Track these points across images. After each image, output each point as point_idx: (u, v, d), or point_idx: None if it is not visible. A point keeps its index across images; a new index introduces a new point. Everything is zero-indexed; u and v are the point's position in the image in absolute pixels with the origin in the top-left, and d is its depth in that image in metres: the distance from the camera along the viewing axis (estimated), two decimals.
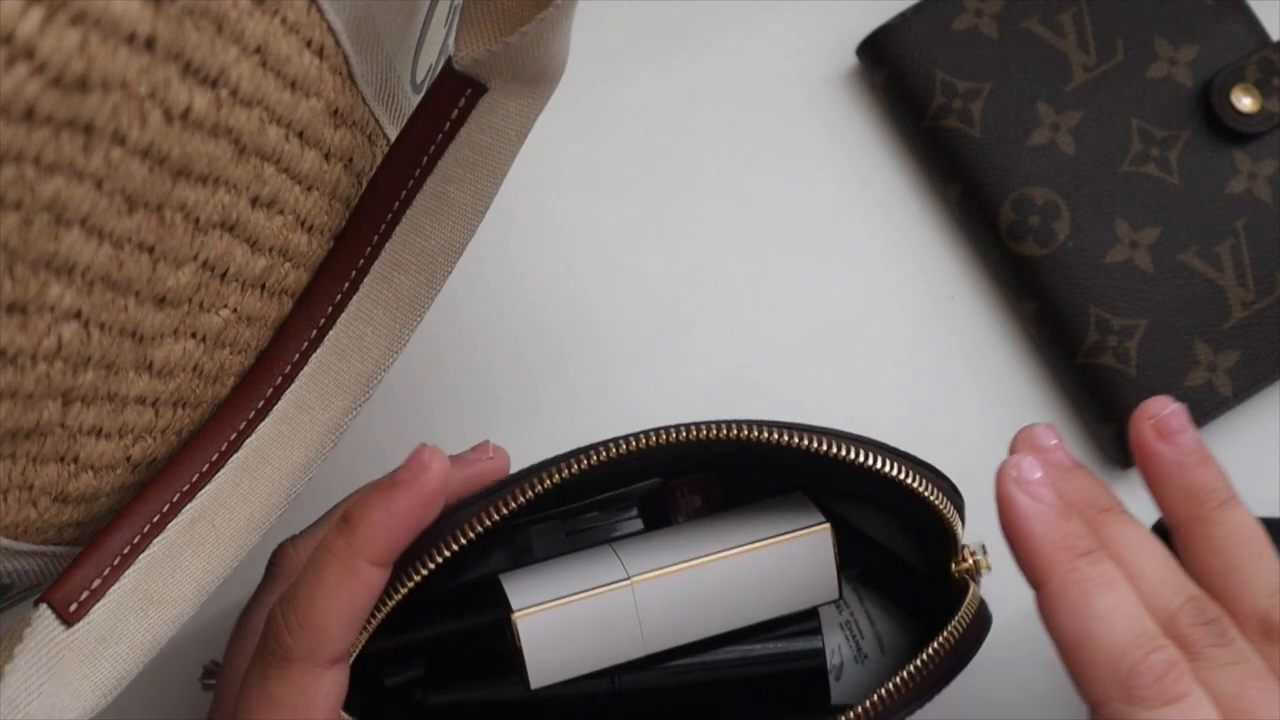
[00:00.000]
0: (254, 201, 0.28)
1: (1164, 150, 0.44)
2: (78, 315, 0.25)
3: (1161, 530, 0.42)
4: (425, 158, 0.31)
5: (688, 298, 0.46)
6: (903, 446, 0.34)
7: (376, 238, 0.32)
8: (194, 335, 0.29)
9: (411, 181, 0.31)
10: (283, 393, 0.32)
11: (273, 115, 0.27)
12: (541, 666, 0.33)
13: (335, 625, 0.30)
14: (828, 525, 0.34)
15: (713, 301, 0.46)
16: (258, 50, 0.25)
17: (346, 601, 0.30)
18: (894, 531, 0.38)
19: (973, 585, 0.34)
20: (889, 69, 0.46)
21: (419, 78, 0.35)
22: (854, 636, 0.38)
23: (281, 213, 0.30)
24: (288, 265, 0.31)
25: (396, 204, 0.31)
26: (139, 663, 0.30)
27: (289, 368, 0.32)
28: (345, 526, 0.31)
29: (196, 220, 0.26)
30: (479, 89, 0.30)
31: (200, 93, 0.24)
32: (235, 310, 0.30)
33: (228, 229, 0.28)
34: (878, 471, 0.32)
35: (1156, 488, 0.32)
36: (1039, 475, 0.31)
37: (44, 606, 0.29)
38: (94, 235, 0.24)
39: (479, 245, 0.33)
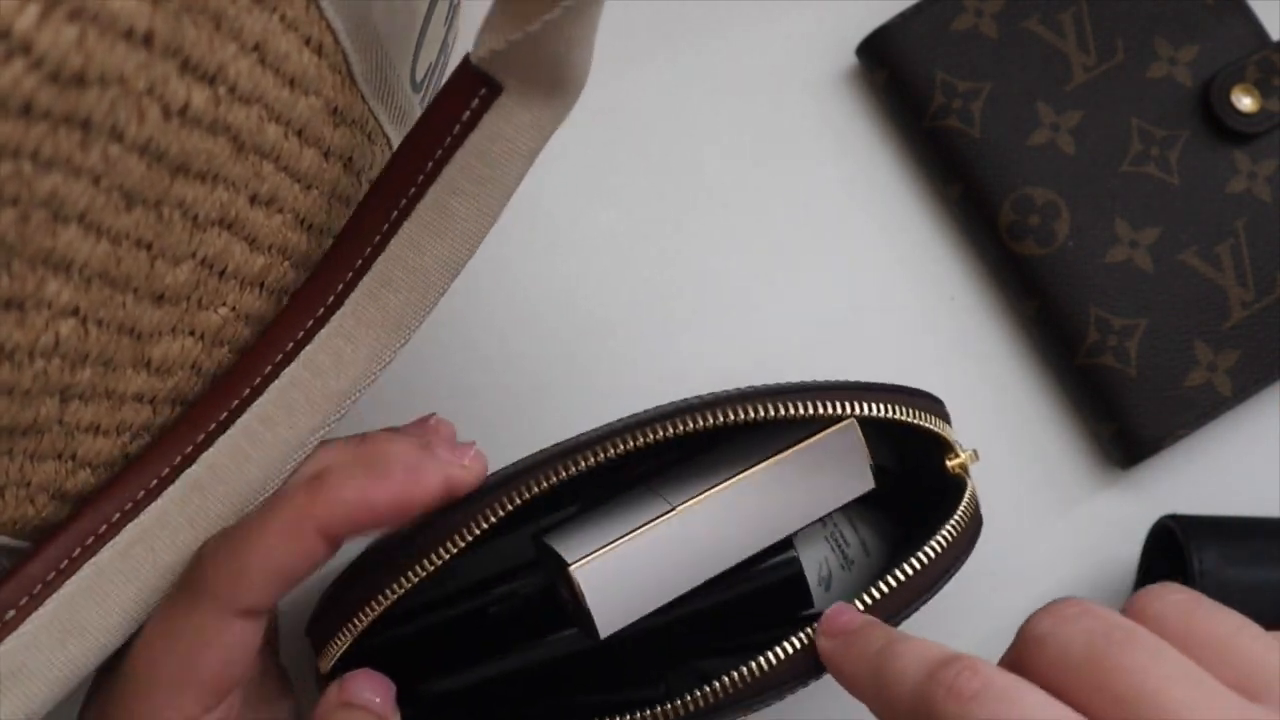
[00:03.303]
0: (253, 199, 0.28)
1: (1164, 150, 0.44)
2: (75, 312, 0.25)
3: (1164, 529, 0.42)
4: (431, 163, 0.29)
5: (686, 298, 0.46)
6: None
7: (369, 249, 0.30)
8: (192, 333, 0.29)
9: (413, 190, 0.29)
10: (249, 405, 0.30)
11: (271, 113, 0.27)
12: (607, 614, 0.32)
13: (259, 576, 0.28)
14: (853, 418, 0.34)
15: (712, 301, 0.46)
16: (256, 47, 0.25)
17: (280, 558, 0.28)
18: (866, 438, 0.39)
19: (969, 481, 0.35)
20: (889, 69, 0.46)
21: (418, 76, 0.35)
22: (839, 545, 0.38)
23: (280, 211, 0.30)
24: (286, 264, 0.31)
25: (395, 214, 0.29)
26: (53, 698, 0.28)
27: (259, 380, 0.30)
28: (314, 485, 0.29)
29: (195, 217, 0.26)
30: (494, 89, 0.28)
31: (199, 89, 0.24)
32: (234, 308, 0.30)
33: (226, 226, 0.28)
34: (866, 417, 0.33)
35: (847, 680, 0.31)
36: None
37: None
38: (92, 231, 0.23)
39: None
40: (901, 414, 0.34)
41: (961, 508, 0.34)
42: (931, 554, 0.33)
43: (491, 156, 0.29)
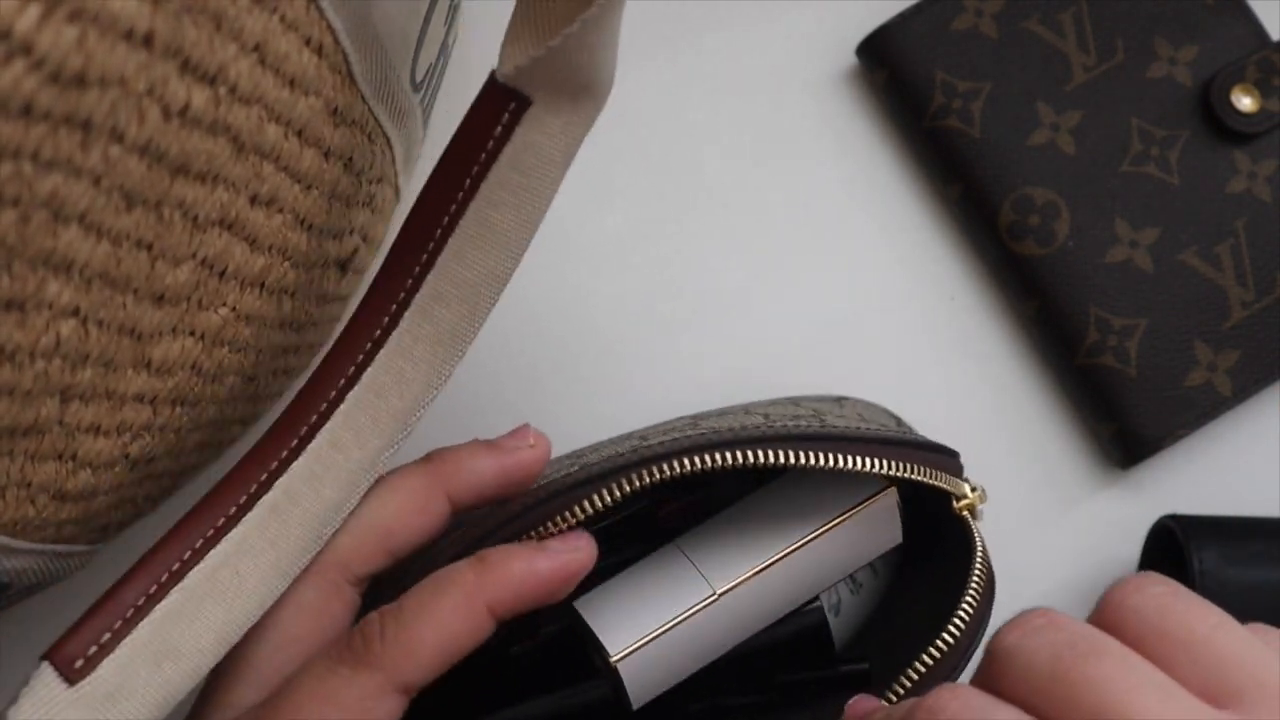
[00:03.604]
0: (253, 199, 0.28)
1: (1164, 150, 0.44)
2: (76, 312, 0.25)
3: (1163, 529, 0.42)
4: (468, 180, 0.29)
5: (687, 298, 0.46)
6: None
7: (419, 269, 0.30)
8: (192, 333, 0.29)
9: (454, 206, 0.30)
10: (317, 431, 0.31)
11: (271, 113, 0.27)
12: (642, 693, 0.33)
13: (429, 653, 0.29)
14: (893, 487, 0.34)
15: (712, 301, 0.46)
16: (256, 48, 0.25)
17: (451, 636, 0.29)
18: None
19: (977, 541, 0.34)
20: (889, 69, 0.46)
21: (418, 76, 0.35)
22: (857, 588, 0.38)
23: (280, 211, 0.30)
24: (286, 264, 0.31)
25: (439, 231, 0.30)
26: (154, 717, 0.28)
27: (325, 405, 0.31)
28: (480, 565, 0.30)
29: (195, 218, 0.26)
30: (523, 103, 0.28)
31: (199, 90, 0.24)
32: (234, 309, 0.30)
33: (226, 227, 0.28)
34: (872, 473, 0.33)
35: None
36: None
37: (45, 665, 0.28)
38: (92, 232, 0.23)
39: None
40: (920, 474, 0.33)
41: (973, 580, 0.33)
42: (952, 636, 0.32)
43: (526, 166, 0.29)
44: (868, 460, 0.32)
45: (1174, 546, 0.42)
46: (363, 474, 0.31)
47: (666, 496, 0.36)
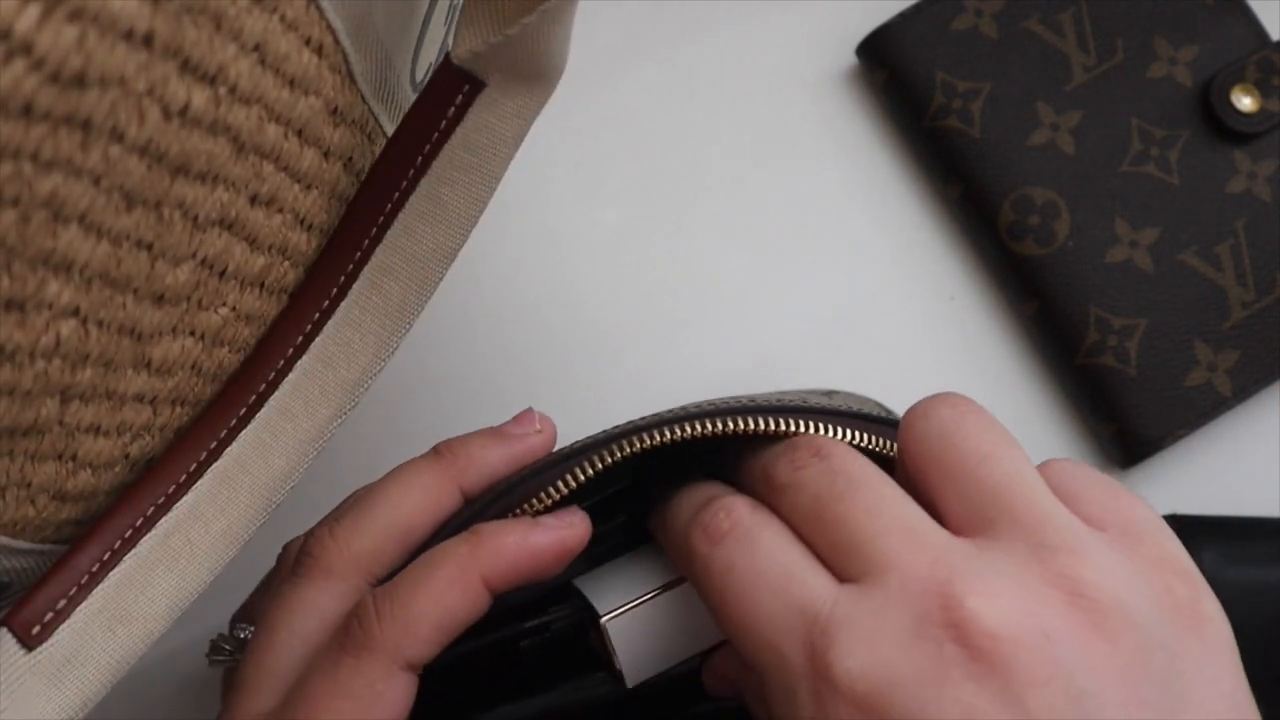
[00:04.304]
0: (253, 199, 0.28)
1: (1164, 150, 0.44)
2: (76, 312, 0.25)
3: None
4: (420, 158, 0.30)
5: (686, 298, 0.46)
6: None
7: (367, 242, 0.31)
8: (193, 333, 0.29)
9: (405, 183, 0.30)
10: (266, 400, 0.31)
11: (271, 113, 0.27)
12: (635, 665, 0.32)
13: (428, 628, 0.29)
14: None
15: (712, 302, 0.46)
16: (256, 48, 0.25)
17: (448, 609, 0.29)
18: None
19: None
20: (889, 69, 0.46)
21: (419, 76, 0.35)
22: None
23: (280, 211, 0.30)
24: (286, 264, 0.31)
25: (389, 206, 0.30)
26: (106, 684, 0.29)
27: (273, 374, 0.31)
28: (473, 538, 0.30)
29: (195, 218, 0.26)
30: (477, 85, 0.29)
31: (199, 90, 0.24)
32: (234, 308, 0.30)
33: (226, 227, 0.28)
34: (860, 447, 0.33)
35: None
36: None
37: (3, 630, 0.28)
38: (92, 232, 0.23)
39: (475, 245, 0.33)
40: (877, 445, 0.33)
41: None
42: None
43: (477, 146, 0.30)
44: (846, 430, 0.32)
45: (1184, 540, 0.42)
46: (311, 443, 0.31)
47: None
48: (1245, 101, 0.44)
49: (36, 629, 0.28)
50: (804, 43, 0.48)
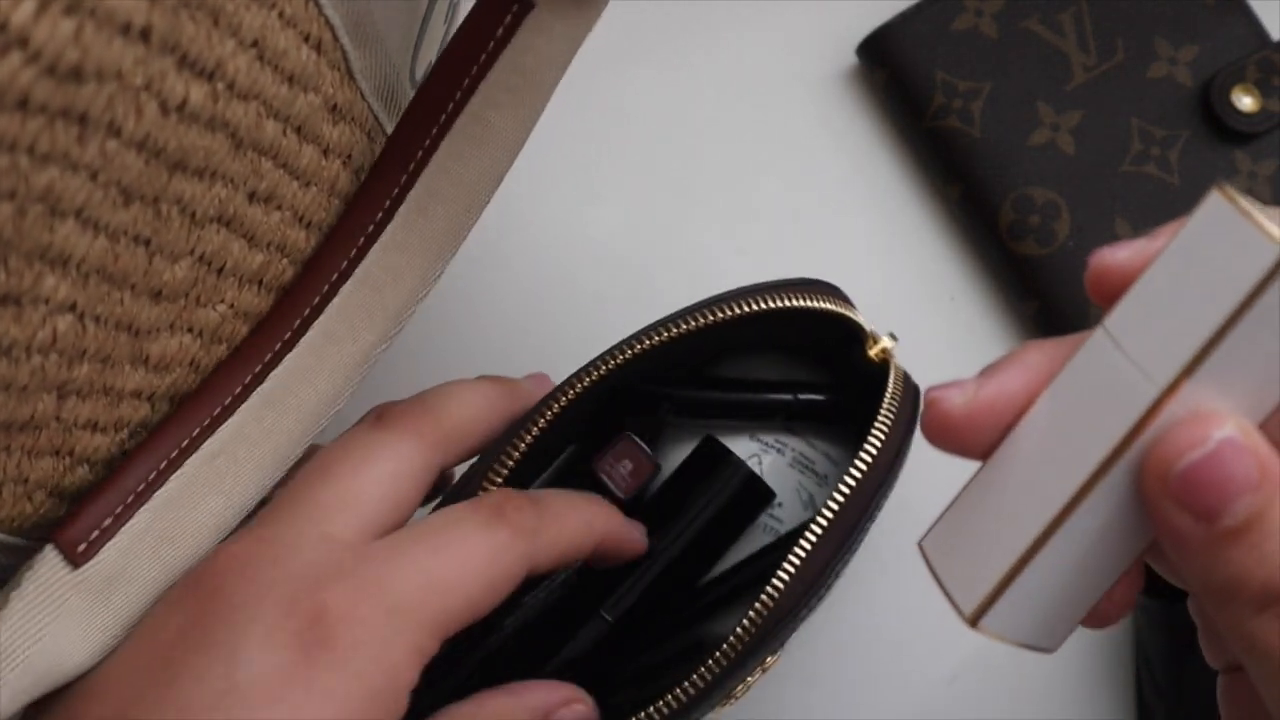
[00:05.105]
0: (251, 196, 0.28)
1: (1164, 150, 0.44)
2: (73, 308, 0.24)
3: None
4: (467, 80, 0.30)
5: (686, 298, 0.46)
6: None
7: (413, 165, 0.30)
8: (190, 330, 0.29)
9: (452, 105, 0.30)
10: (310, 324, 0.31)
11: (270, 109, 0.27)
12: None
13: (561, 550, 0.31)
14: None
15: None
16: (255, 43, 0.25)
17: (577, 547, 0.31)
18: (791, 367, 0.40)
19: (893, 360, 0.35)
20: (889, 69, 0.46)
21: (418, 74, 0.35)
22: (807, 466, 0.39)
23: (279, 208, 0.30)
24: (285, 261, 0.31)
25: (435, 129, 0.30)
26: (151, 603, 0.29)
27: (317, 299, 0.31)
28: (616, 515, 0.33)
29: (193, 214, 0.26)
30: (525, 6, 0.29)
31: (197, 85, 0.24)
32: (232, 306, 0.30)
33: (224, 223, 0.28)
34: (770, 310, 0.34)
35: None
36: None
37: (49, 548, 0.28)
38: (89, 227, 0.23)
39: (475, 245, 0.33)
40: (804, 301, 0.35)
41: (891, 384, 0.34)
42: (880, 435, 0.33)
43: (526, 68, 0.30)
44: (769, 300, 0.34)
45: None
46: (356, 367, 0.31)
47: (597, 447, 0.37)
48: (1245, 101, 0.44)
49: (82, 546, 0.28)
50: (804, 43, 0.48)
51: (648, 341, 0.34)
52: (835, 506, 0.32)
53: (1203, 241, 0.22)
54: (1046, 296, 0.44)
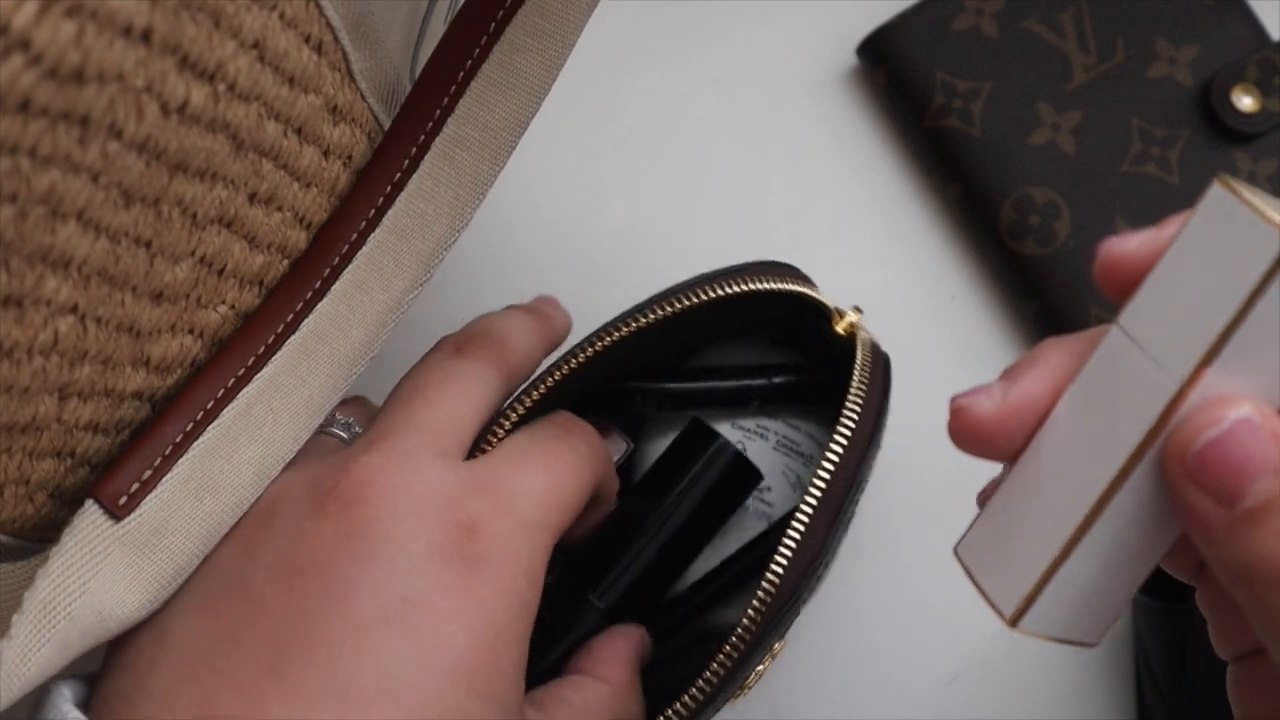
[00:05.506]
0: (252, 197, 0.28)
1: (1164, 150, 0.44)
2: (74, 309, 0.25)
3: None
4: (493, 24, 0.30)
5: None
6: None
7: (439, 112, 0.31)
8: (191, 331, 0.29)
9: (478, 50, 0.30)
10: (340, 273, 0.31)
11: (271, 110, 0.27)
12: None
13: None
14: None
15: None
16: (255, 45, 0.25)
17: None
18: (765, 352, 0.40)
19: (860, 332, 0.35)
20: (889, 69, 0.46)
21: (418, 75, 0.35)
22: (791, 448, 0.39)
23: (280, 209, 0.30)
24: (285, 262, 0.31)
25: (461, 75, 0.30)
26: (198, 554, 0.29)
27: (346, 247, 0.31)
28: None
29: (194, 215, 0.26)
30: None
31: (197, 87, 0.24)
32: (233, 306, 0.30)
33: (225, 224, 0.28)
34: (729, 295, 0.34)
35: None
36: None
37: (90, 502, 0.28)
38: (90, 229, 0.23)
39: (475, 246, 0.33)
40: (766, 284, 0.35)
41: (860, 356, 0.34)
42: (855, 407, 0.33)
43: (551, 11, 0.30)
44: (726, 286, 0.35)
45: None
46: (388, 314, 0.31)
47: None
48: (1245, 101, 0.44)
49: (124, 499, 0.28)
50: (804, 43, 0.48)
51: (608, 338, 0.34)
52: (822, 484, 0.32)
53: (1208, 233, 0.22)
54: (1046, 296, 0.44)
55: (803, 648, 0.43)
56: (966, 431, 0.24)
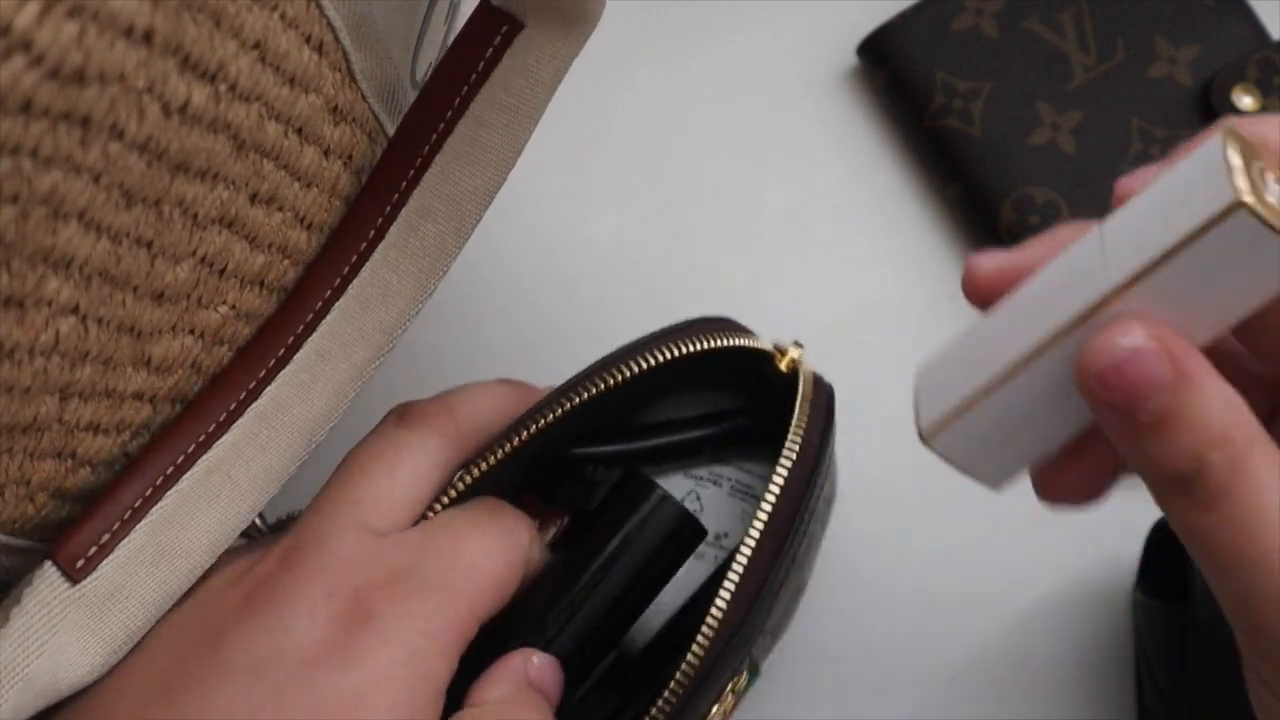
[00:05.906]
0: (253, 197, 0.28)
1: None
2: (75, 310, 0.25)
3: (1164, 528, 0.42)
4: (458, 99, 0.30)
5: (686, 299, 0.46)
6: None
7: (405, 184, 0.31)
8: (192, 331, 0.29)
9: (443, 125, 0.30)
10: (304, 341, 0.31)
11: (272, 111, 0.27)
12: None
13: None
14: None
15: (711, 302, 0.46)
16: (256, 45, 0.25)
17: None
18: (714, 398, 0.40)
19: (801, 367, 0.35)
20: (889, 69, 0.46)
21: (419, 75, 0.35)
22: (746, 492, 0.39)
23: (280, 209, 0.30)
24: (286, 262, 0.31)
25: (426, 149, 0.31)
26: (150, 618, 0.30)
27: (311, 316, 0.31)
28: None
29: (195, 215, 0.26)
30: (515, 26, 0.29)
31: (199, 87, 0.24)
32: (234, 307, 0.30)
33: (226, 225, 0.28)
34: (671, 360, 0.34)
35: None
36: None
37: (48, 564, 0.28)
38: (92, 229, 0.23)
39: (475, 246, 0.33)
40: (705, 343, 0.35)
41: (801, 391, 0.34)
42: (794, 445, 0.33)
43: (516, 88, 0.30)
44: (684, 346, 0.34)
45: (1175, 545, 0.42)
46: (350, 384, 0.32)
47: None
48: (1246, 101, 0.44)
49: (80, 562, 0.29)
50: (804, 43, 0.48)
51: (550, 415, 0.33)
52: (760, 525, 0.32)
53: (1193, 169, 0.24)
54: None
55: (802, 648, 0.43)
56: (969, 283, 0.27)
